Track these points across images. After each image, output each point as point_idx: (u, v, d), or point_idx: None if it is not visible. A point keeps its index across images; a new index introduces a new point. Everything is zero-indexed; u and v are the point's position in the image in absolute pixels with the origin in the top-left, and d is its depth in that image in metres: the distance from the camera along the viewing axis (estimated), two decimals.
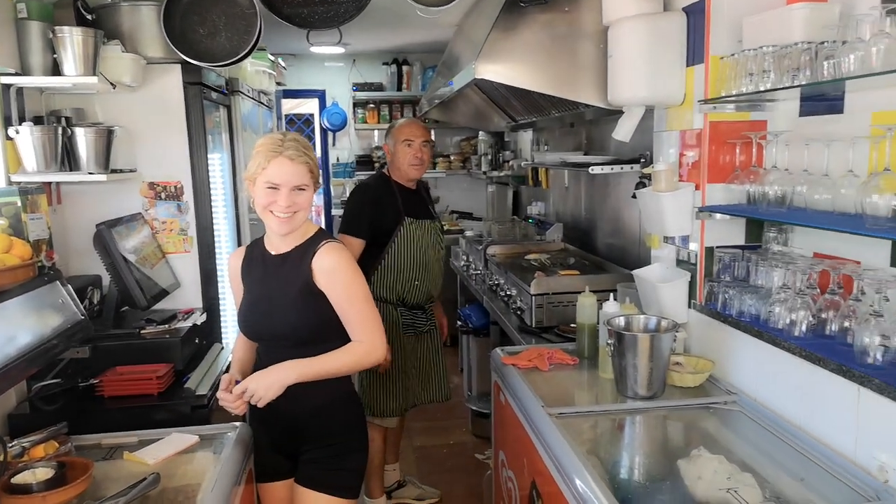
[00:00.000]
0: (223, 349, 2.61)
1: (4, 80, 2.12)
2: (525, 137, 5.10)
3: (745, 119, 2.02)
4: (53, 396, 2.03)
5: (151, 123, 2.61)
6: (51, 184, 2.40)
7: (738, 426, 1.78)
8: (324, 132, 6.33)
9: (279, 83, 4.50)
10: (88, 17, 2.41)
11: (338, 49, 5.43)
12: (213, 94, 2.85)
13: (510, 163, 5.19)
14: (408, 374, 2.99)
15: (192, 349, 2.35)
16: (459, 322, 4.14)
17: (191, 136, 2.64)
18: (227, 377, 1.82)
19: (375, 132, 6.40)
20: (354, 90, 6.13)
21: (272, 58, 4.07)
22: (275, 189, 1.75)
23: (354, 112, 6.22)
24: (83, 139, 2.26)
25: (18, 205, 1.89)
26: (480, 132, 5.72)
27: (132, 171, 2.58)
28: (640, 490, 1.50)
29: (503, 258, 3.72)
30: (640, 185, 2.62)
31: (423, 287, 2.96)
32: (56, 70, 2.22)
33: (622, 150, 3.07)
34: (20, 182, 2.10)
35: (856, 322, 1.55)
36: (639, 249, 2.99)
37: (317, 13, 2.66)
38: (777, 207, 1.82)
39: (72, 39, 2.15)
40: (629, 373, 1.90)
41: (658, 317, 2.02)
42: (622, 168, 2.85)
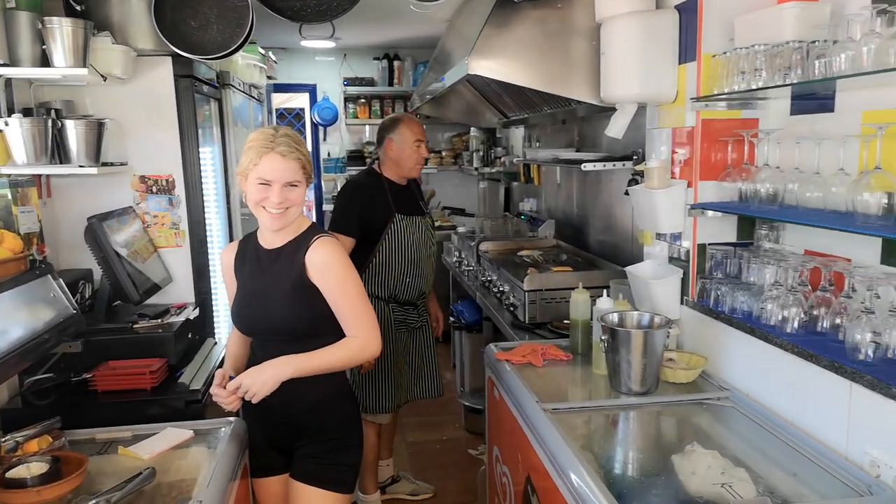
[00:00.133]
0: (216, 344, 2.60)
1: None
2: (517, 134, 5.10)
3: (737, 117, 2.03)
4: (46, 391, 2.02)
5: (142, 116, 2.59)
6: (40, 177, 2.37)
7: (731, 422, 1.79)
8: (314, 127, 6.30)
9: (270, 77, 4.47)
10: (78, 8, 2.38)
11: (329, 43, 5.41)
12: (205, 88, 2.83)
13: (502, 159, 5.19)
14: (400, 371, 2.99)
15: (186, 344, 2.33)
16: (452, 318, 4.16)
17: (182, 130, 2.61)
18: (221, 373, 1.82)
19: (367, 127, 6.38)
20: (345, 85, 6.12)
21: (263, 51, 4.04)
22: (266, 185, 1.74)
23: (345, 107, 6.20)
24: (73, 132, 2.23)
25: (9, 197, 1.87)
26: (472, 128, 5.72)
27: (123, 165, 2.56)
28: (635, 485, 1.51)
29: (495, 254, 3.73)
30: (633, 182, 2.63)
31: (415, 283, 2.96)
32: (45, 61, 2.19)
33: (614, 147, 3.08)
34: (10, 174, 2.07)
35: (847, 319, 1.57)
36: (631, 246, 3.00)
37: (309, 6, 2.64)
38: (769, 205, 1.84)
39: (61, 30, 2.12)
40: (623, 368, 1.92)
41: (651, 313, 2.04)
42: (614, 165, 2.86)
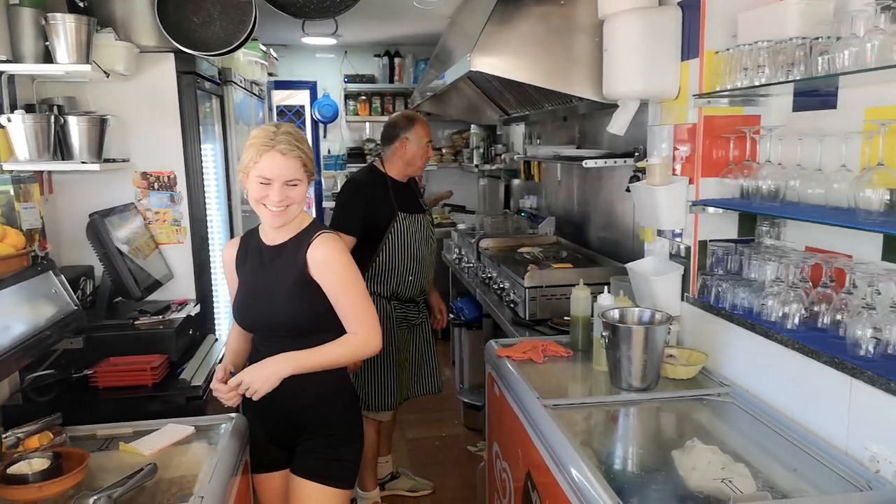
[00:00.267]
0: (217, 340, 2.60)
1: None
2: (517, 131, 5.10)
3: (739, 114, 2.03)
4: (46, 387, 2.02)
5: (144, 113, 2.59)
6: (42, 173, 2.38)
7: (732, 417, 1.80)
8: (315, 124, 6.30)
9: (271, 74, 4.47)
10: (81, 4, 2.38)
11: (329, 40, 5.40)
12: (207, 84, 2.83)
13: (502, 156, 5.19)
14: (402, 368, 2.99)
15: (187, 340, 2.34)
16: (452, 315, 4.16)
17: (184, 126, 2.61)
18: (222, 368, 1.82)
19: (367, 124, 6.38)
20: (346, 82, 6.11)
21: (264, 48, 4.04)
22: (267, 183, 1.74)
23: (346, 104, 6.19)
24: (76, 128, 2.23)
25: (11, 193, 1.87)
26: (472, 125, 5.72)
27: (125, 161, 2.56)
28: (636, 480, 1.52)
29: (496, 251, 3.73)
30: (634, 179, 2.63)
31: (417, 281, 2.96)
32: (48, 57, 2.19)
33: (615, 144, 3.08)
34: (12, 171, 2.07)
35: (848, 315, 1.57)
36: (632, 243, 3.00)
37: (312, 2, 2.64)
38: (770, 201, 1.84)
39: (65, 26, 2.12)
40: (623, 365, 1.92)
41: (652, 309, 2.04)
42: (615, 162, 2.86)
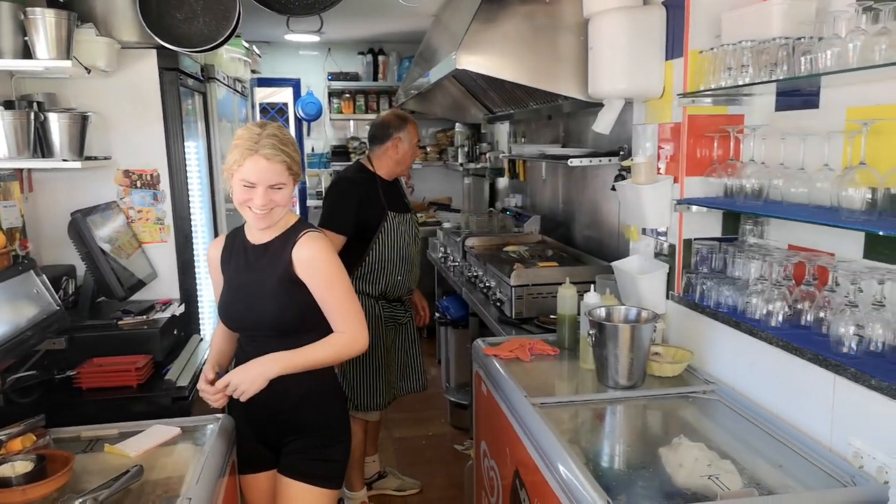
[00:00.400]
0: (202, 340, 2.58)
1: None
2: (502, 129, 5.11)
3: (723, 113, 2.05)
4: (28, 388, 1.98)
5: (126, 110, 2.55)
6: (22, 171, 2.33)
7: (717, 415, 1.82)
8: (298, 122, 6.26)
9: (254, 71, 4.43)
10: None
11: (313, 37, 5.37)
12: (190, 81, 2.80)
13: (487, 155, 5.20)
14: (390, 368, 2.99)
15: (171, 340, 2.31)
16: (437, 314, 4.16)
17: (167, 124, 2.58)
18: (209, 369, 1.80)
19: (351, 122, 6.35)
20: (330, 79, 6.07)
21: (247, 45, 4.00)
22: (251, 187, 1.72)
23: (330, 102, 6.15)
24: (56, 125, 2.19)
25: None
26: (457, 124, 5.71)
27: (107, 159, 2.52)
28: (623, 477, 1.53)
29: (481, 250, 3.73)
30: (620, 178, 2.64)
31: (405, 281, 2.96)
32: (27, 53, 2.15)
33: (600, 143, 3.10)
34: None
35: (831, 312, 1.59)
36: (618, 242, 3.02)
37: None
38: (754, 200, 1.86)
39: (44, 21, 2.08)
40: (610, 363, 1.93)
41: (638, 308, 2.05)
42: (600, 161, 2.87)
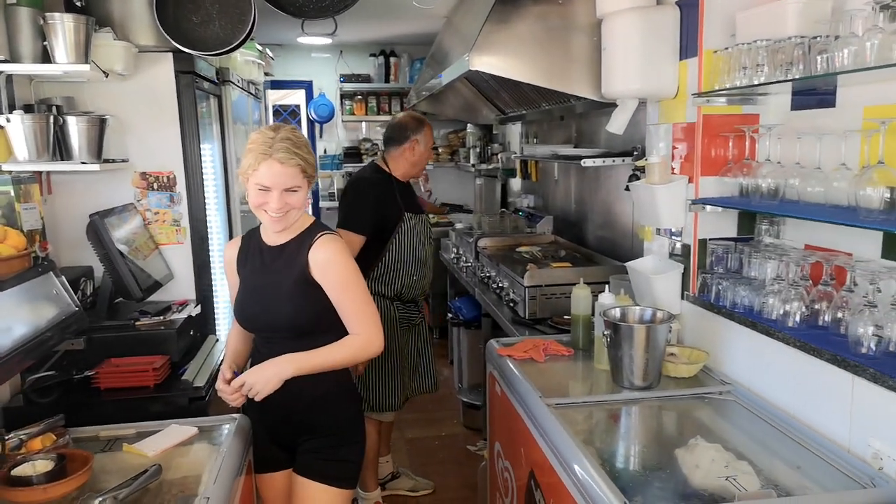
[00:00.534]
0: (217, 341, 2.60)
1: None
2: (514, 130, 5.11)
3: (738, 112, 2.04)
4: (48, 389, 2.01)
5: (143, 113, 2.58)
6: (41, 173, 2.36)
7: (734, 416, 1.81)
8: (311, 124, 6.29)
9: (267, 73, 4.46)
10: (78, 4, 2.37)
11: (325, 40, 5.40)
12: (205, 84, 2.82)
13: (498, 155, 5.20)
14: (404, 368, 3.00)
15: (188, 341, 2.33)
16: (450, 314, 4.16)
17: (183, 126, 2.61)
18: (227, 369, 1.82)
19: (363, 124, 6.38)
20: (342, 81, 6.10)
21: (260, 48, 4.03)
22: (266, 190, 1.73)
23: (342, 103, 6.18)
24: (75, 128, 2.22)
25: (11, 194, 1.86)
26: (469, 125, 5.72)
27: (124, 161, 2.55)
28: (639, 478, 1.52)
29: (494, 250, 3.73)
30: (634, 178, 2.64)
31: (420, 281, 2.97)
32: (46, 57, 2.18)
33: (613, 143, 3.09)
34: (11, 171, 2.06)
35: (849, 313, 1.58)
36: (632, 242, 3.01)
37: (312, 2, 2.63)
38: (770, 200, 1.84)
39: (63, 26, 2.11)
40: (625, 363, 1.92)
41: (653, 308, 2.04)
42: (614, 161, 2.87)
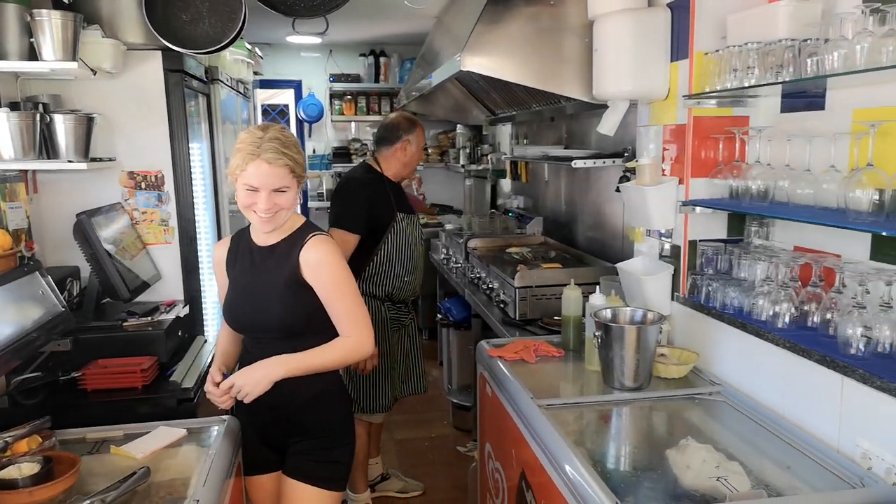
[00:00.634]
0: (206, 342, 2.57)
1: None
2: (504, 131, 5.12)
3: (728, 114, 2.05)
4: (33, 390, 1.98)
5: (131, 111, 2.55)
6: (27, 172, 2.33)
7: (724, 416, 1.81)
8: (300, 123, 6.26)
9: (256, 72, 4.43)
10: (66, 1, 2.34)
11: (314, 39, 5.37)
12: (194, 83, 2.80)
13: (488, 156, 5.20)
14: (394, 370, 2.99)
15: (176, 342, 2.31)
16: (440, 315, 4.15)
17: (171, 125, 2.58)
18: (216, 371, 1.80)
19: (352, 124, 6.36)
20: (331, 81, 6.08)
21: (249, 46, 4.00)
22: (254, 191, 1.71)
23: (331, 103, 6.16)
24: (62, 126, 2.19)
25: None
26: (458, 125, 5.72)
27: (111, 160, 2.52)
28: (631, 479, 1.52)
29: (484, 251, 3.73)
30: (624, 179, 2.65)
31: (411, 282, 2.97)
32: (33, 55, 2.15)
33: (603, 145, 3.10)
34: None
35: (838, 314, 1.59)
36: (622, 243, 3.02)
37: (303, 1, 2.62)
38: (760, 201, 1.86)
39: (50, 23, 2.08)
40: (616, 364, 1.93)
41: (644, 309, 2.05)
42: (605, 162, 2.88)
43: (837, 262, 1.65)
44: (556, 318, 2.64)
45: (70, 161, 2.21)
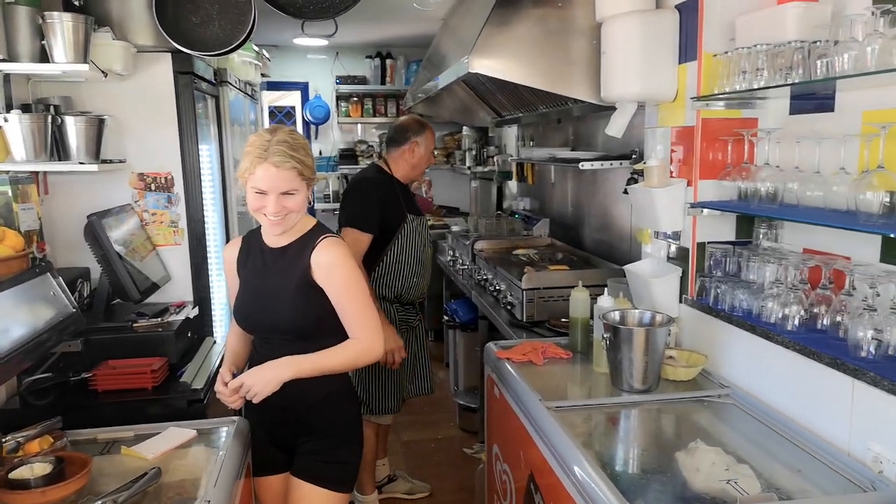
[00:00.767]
0: (215, 343, 2.59)
1: None
2: (510, 133, 5.12)
3: (737, 116, 2.05)
4: (44, 391, 1.99)
5: (141, 113, 2.57)
6: (38, 174, 2.35)
7: (733, 419, 1.81)
8: (306, 125, 6.28)
9: (263, 74, 4.44)
10: (76, 3, 2.36)
11: (321, 41, 5.39)
12: (203, 85, 2.81)
13: (494, 158, 5.20)
14: (403, 371, 3.00)
15: (186, 343, 2.32)
16: (446, 317, 4.16)
17: (181, 127, 2.59)
18: (226, 371, 1.81)
19: (359, 126, 6.37)
20: (338, 83, 6.09)
21: (257, 49, 4.02)
22: (263, 194, 1.72)
23: (338, 105, 6.18)
24: (73, 128, 2.21)
25: (9, 194, 1.85)
26: (464, 127, 5.72)
27: (121, 162, 2.54)
28: (640, 481, 1.52)
29: (491, 253, 3.73)
30: (632, 181, 2.64)
31: (420, 283, 2.98)
32: (44, 57, 2.17)
33: (610, 146, 3.10)
34: (9, 171, 2.05)
35: (848, 316, 1.59)
36: (629, 245, 3.02)
37: (312, 3, 2.63)
38: (769, 204, 1.85)
39: (62, 26, 2.09)
40: (624, 366, 1.93)
41: (652, 311, 2.05)
42: (612, 164, 2.87)
43: (847, 265, 1.64)
44: (564, 320, 2.64)
45: (81, 163, 2.23)
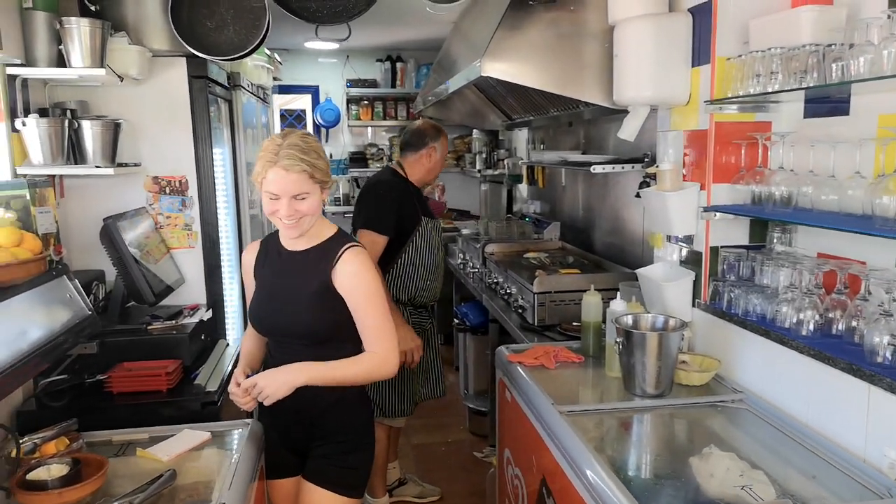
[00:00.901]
0: (228, 346, 2.60)
1: (10, 71, 2.10)
2: (520, 136, 5.12)
3: (751, 120, 2.04)
4: (60, 392, 2.01)
5: (156, 117, 2.59)
6: (54, 177, 2.37)
7: (747, 424, 1.80)
8: (316, 128, 6.30)
9: (276, 78, 4.47)
10: (92, 8, 2.38)
11: (332, 45, 5.41)
12: (217, 89, 2.84)
13: (505, 161, 5.20)
14: (415, 374, 3.00)
15: (199, 345, 2.33)
16: (456, 320, 4.15)
17: (195, 131, 2.62)
18: (240, 372, 1.82)
19: (369, 129, 6.39)
20: (348, 86, 6.12)
21: (269, 52, 4.05)
22: (276, 198, 1.73)
23: (348, 108, 6.20)
24: (90, 132, 2.23)
25: (27, 198, 1.87)
26: (475, 130, 5.73)
27: (136, 165, 2.56)
28: (654, 486, 1.52)
29: (501, 256, 3.73)
30: (644, 185, 2.64)
31: (434, 286, 3.00)
32: (61, 61, 2.19)
33: (621, 150, 3.09)
34: (26, 175, 2.07)
35: (864, 322, 1.58)
36: (641, 249, 3.01)
37: (325, 7, 2.66)
38: (783, 208, 1.84)
39: (79, 31, 2.12)
40: (637, 371, 1.92)
41: (665, 315, 2.04)
42: (623, 168, 2.87)
43: (862, 270, 1.63)
44: (575, 324, 2.63)
45: (97, 166, 2.25)
